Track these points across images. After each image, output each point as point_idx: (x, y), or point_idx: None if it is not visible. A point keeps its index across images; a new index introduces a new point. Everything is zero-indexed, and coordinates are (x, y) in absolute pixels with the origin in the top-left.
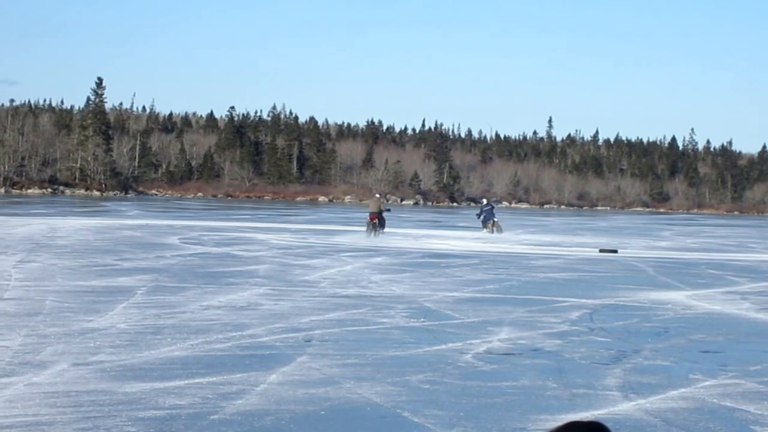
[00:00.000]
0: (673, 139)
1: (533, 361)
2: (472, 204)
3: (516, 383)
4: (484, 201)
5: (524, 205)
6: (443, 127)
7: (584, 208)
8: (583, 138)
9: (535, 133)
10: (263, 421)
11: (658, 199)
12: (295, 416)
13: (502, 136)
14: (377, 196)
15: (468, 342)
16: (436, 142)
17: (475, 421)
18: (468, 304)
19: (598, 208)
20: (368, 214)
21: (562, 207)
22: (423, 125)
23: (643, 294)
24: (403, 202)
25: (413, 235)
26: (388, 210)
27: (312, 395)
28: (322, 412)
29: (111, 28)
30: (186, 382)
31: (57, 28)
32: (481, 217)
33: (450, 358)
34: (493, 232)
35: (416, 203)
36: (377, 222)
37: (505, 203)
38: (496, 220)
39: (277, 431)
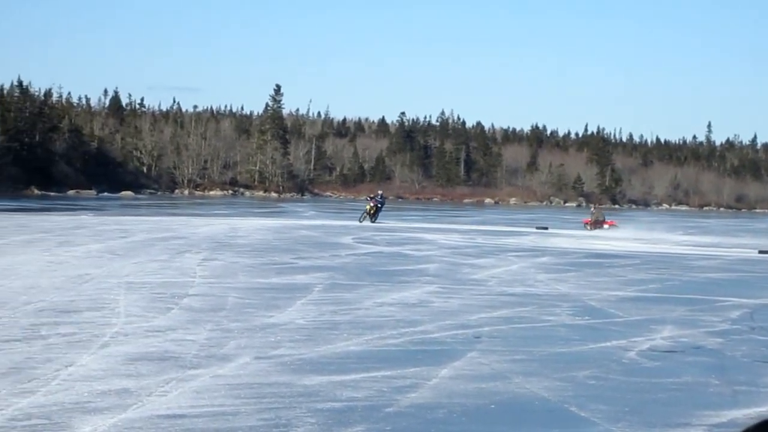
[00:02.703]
0: None
1: (695, 358)
2: (634, 206)
3: (679, 380)
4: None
5: (683, 208)
6: (605, 132)
7: (742, 210)
8: (741, 142)
9: (694, 137)
10: (436, 414)
11: None
12: (466, 409)
13: (662, 140)
14: (380, 192)
15: (631, 339)
16: (598, 146)
17: (639, 416)
18: (631, 302)
19: (757, 210)
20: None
21: (721, 209)
22: (586, 129)
23: None
24: (566, 204)
25: (576, 235)
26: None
27: (482, 389)
28: (492, 406)
29: (289, 39)
30: (362, 375)
31: (238, 38)
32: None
33: (614, 354)
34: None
35: (578, 205)
36: (374, 212)
37: (665, 205)
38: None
39: (449, 424)
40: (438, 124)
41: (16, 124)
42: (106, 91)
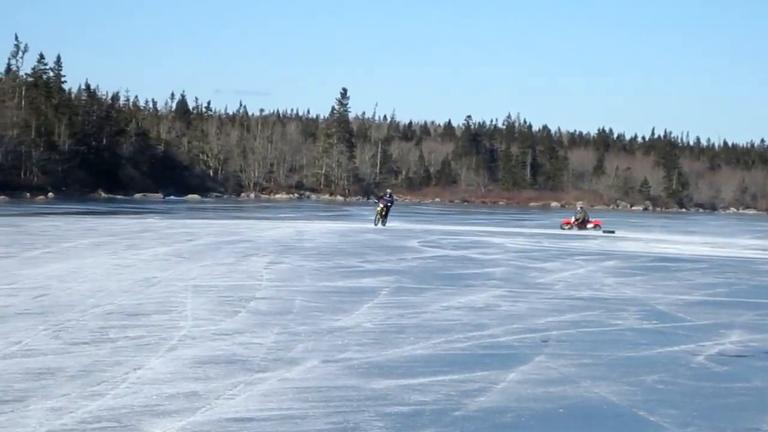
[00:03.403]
0: None
1: (765, 363)
2: (701, 210)
3: (749, 384)
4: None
5: (751, 211)
6: (672, 135)
7: None
8: None
9: (762, 140)
10: (504, 418)
11: None
12: (534, 413)
13: (729, 144)
14: (388, 191)
15: (700, 344)
16: (665, 150)
17: (709, 420)
18: (699, 306)
19: None
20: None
21: None
22: (653, 133)
23: None
24: (633, 208)
25: (643, 239)
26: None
27: (550, 393)
28: (561, 410)
29: (355, 43)
30: (429, 379)
31: (305, 42)
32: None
33: (682, 359)
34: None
35: (645, 209)
36: (386, 212)
37: (732, 209)
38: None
39: (517, 428)
40: (504, 127)
41: (84, 128)
42: (172, 95)
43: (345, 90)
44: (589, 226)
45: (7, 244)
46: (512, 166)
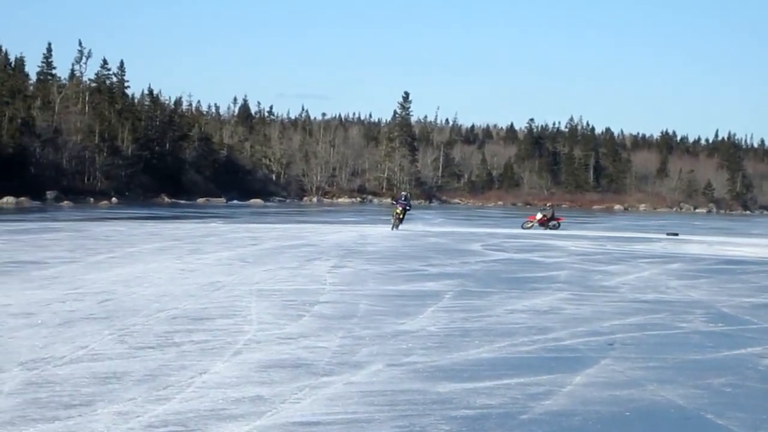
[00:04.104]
0: None
1: None
2: (765, 212)
3: None
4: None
5: None
6: (736, 137)
7: None
8: None
9: None
10: (571, 421)
11: None
12: (601, 417)
13: None
14: (404, 193)
15: (767, 346)
16: (729, 152)
17: None
18: (765, 309)
19: None
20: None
21: None
22: (716, 135)
23: None
24: (696, 210)
25: (707, 241)
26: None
27: (616, 397)
28: (627, 413)
29: (417, 47)
30: (495, 383)
31: (367, 46)
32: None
33: (750, 362)
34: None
35: (709, 211)
36: (404, 215)
37: None
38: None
39: (584, 431)
40: (567, 130)
41: (147, 133)
42: (235, 99)
43: (407, 93)
44: (552, 223)
45: (72, 249)
46: (575, 168)
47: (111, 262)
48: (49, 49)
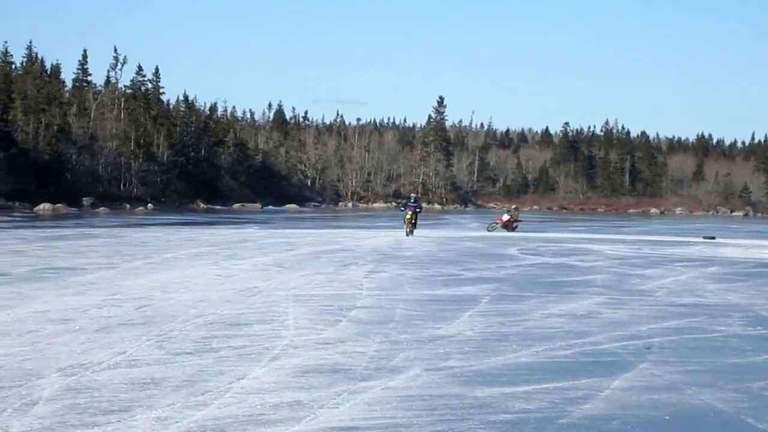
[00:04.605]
0: None
1: None
2: None
3: None
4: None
5: None
6: None
7: None
8: None
9: None
10: (610, 426)
11: None
12: (640, 421)
13: None
14: (412, 195)
15: None
16: (765, 154)
17: None
18: None
19: None
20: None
21: None
22: (753, 138)
23: None
24: (733, 214)
25: (744, 245)
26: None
27: (655, 401)
28: (667, 417)
29: (451, 52)
30: (533, 387)
31: (401, 51)
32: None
33: None
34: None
35: (746, 214)
36: (416, 220)
37: None
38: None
39: None
40: (602, 134)
41: (182, 139)
42: (270, 105)
43: (442, 98)
44: (515, 224)
45: (109, 255)
46: (611, 172)
47: (148, 267)
48: (85, 56)
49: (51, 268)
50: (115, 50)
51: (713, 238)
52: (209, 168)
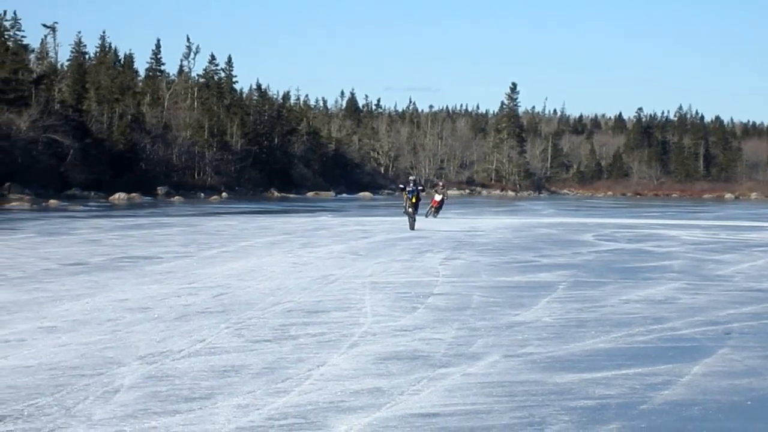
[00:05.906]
0: None
1: None
2: None
3: None
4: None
5: None
6: None
7: None
8: None
9: None
10: (691, 411)
11: None
12: (720, 406)
13: None
14: (412, 178)
15: None
16: None
17: None
18: None
19: None
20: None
21: None
22: None
23: None
24: None
25: None
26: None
27: (736, 386)
28: (748, 402)
29: (523, 38)
30: (612, 373)
31: (473, 37)
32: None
33: None
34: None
35: None
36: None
37: None
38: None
39: (705, 420)
40: (676, 119)
41: (256, 128)
42: (342, 93)
43: (514, 84)
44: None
45: (185, 243)
46: (685, 158)
47: (224, 256)
48: (158, 46)
49: (127, 257)
50: (188, 39)
51: None
52: (282, 156)
